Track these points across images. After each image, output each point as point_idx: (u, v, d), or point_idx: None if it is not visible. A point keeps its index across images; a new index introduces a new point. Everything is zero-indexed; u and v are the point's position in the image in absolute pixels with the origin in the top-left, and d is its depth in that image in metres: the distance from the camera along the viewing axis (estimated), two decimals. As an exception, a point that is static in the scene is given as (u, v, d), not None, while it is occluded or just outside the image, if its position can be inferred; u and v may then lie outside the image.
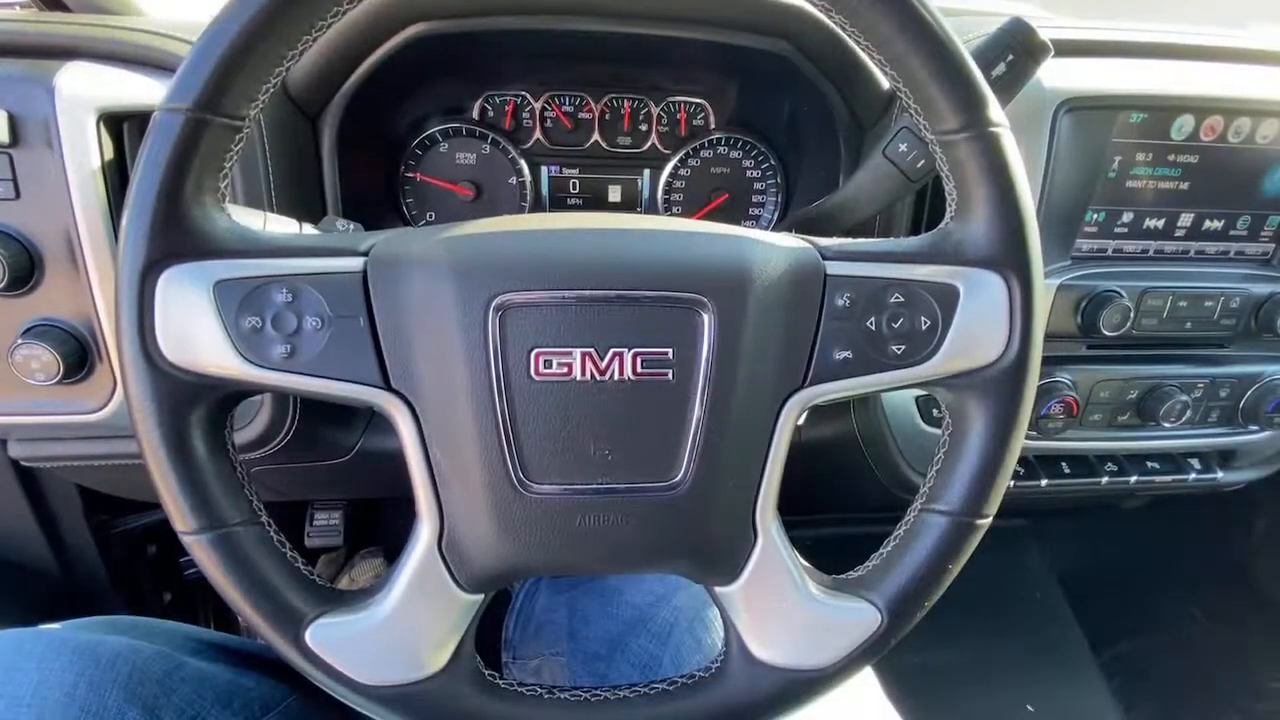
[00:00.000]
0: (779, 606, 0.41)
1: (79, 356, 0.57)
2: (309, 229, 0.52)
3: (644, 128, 0.78)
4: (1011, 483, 0.49)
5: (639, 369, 0.38)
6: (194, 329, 0.37)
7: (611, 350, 0.38)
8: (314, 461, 0.72)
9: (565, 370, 0.38)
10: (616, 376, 0.38)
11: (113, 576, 0.95)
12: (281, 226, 0.49)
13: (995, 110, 0.38)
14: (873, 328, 0.40)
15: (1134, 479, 0.81)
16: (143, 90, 0.56)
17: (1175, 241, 0.72)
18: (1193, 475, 0.82)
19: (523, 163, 0.77)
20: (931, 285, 0.40)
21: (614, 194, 0.80)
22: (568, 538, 0.39)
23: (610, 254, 0.39)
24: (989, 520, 0.41)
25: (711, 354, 0.38)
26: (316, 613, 0.39)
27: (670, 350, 0.38)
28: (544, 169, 0.79)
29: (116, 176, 0.56)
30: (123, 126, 0.56)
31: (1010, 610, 1.35)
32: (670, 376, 0.38)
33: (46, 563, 0.91)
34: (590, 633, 0.69)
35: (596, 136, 0.78)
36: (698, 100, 0.77)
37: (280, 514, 1.03)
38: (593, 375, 0.38)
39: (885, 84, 0.64)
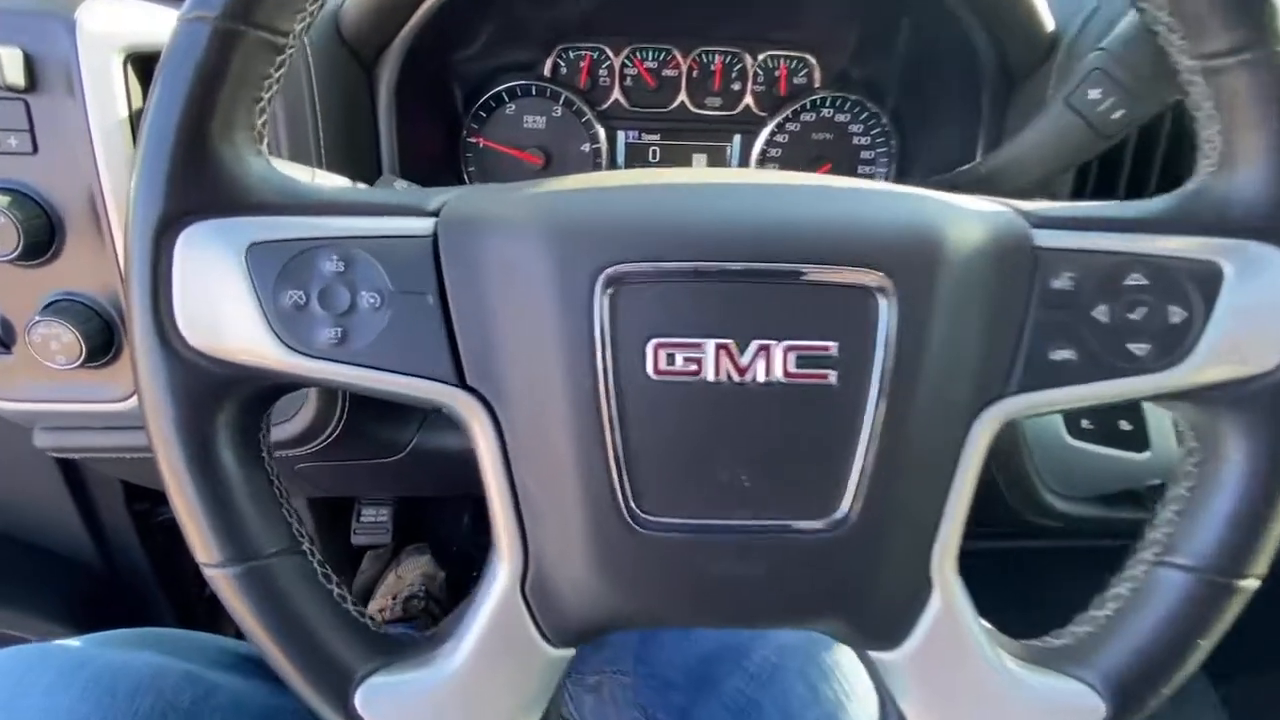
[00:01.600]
0: (962, 683, 0.32)
1: (103, 337, 0.50)
2: (363, 189, 0.44)
3: (737, 86, 0.68)
4: None
5: (791, 369, 0.29)
6: (221, 304, 0.29)
7: (755, 343, 0.29)
8: (362, 459, 0.65)
9: (694, 368, 0.29)
10: (761, 378, 0.29)
11: (154, 567, 0.92)
12: (332, 182, 0.41)
13: None
14: (1104, 320, 0.30)
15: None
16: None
17: None
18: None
19: (598, 126, 0.68)
20: (1185, 263, 0.30)
21: (698, 164, 0.71)
22: (689, 586, 0.30)
23: (757, 216, 0.29)
24: (1255, 584, 0.31)
25: (889, 351, 0.29)
26: (369, 668, 0.31)
27: (834, 345, 0.29)
28: (620, 134, 0.70)
29: None
30: (151, 68, 0.49)
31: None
32: (833, 380, 0.29)
33: (87, 552, 0.88)
34: (664, 657, 0.61)
35: (683, 97, 0.68)
36: (802, 54, 0.67)
37: (324, 509, 0.97)
38: (729, 375, 0.29)
39: (1049, 24, 0.53)
